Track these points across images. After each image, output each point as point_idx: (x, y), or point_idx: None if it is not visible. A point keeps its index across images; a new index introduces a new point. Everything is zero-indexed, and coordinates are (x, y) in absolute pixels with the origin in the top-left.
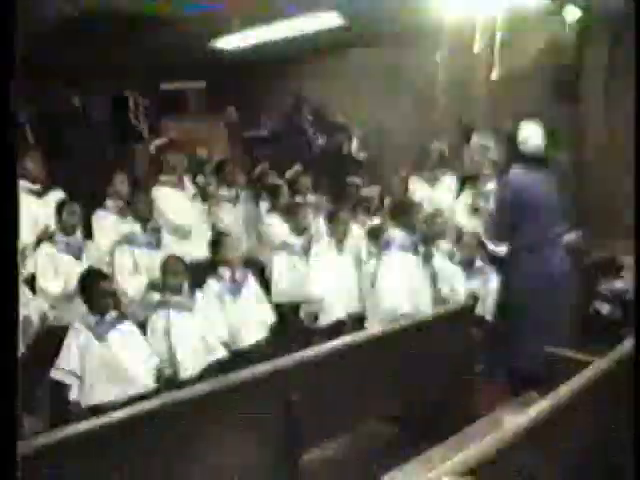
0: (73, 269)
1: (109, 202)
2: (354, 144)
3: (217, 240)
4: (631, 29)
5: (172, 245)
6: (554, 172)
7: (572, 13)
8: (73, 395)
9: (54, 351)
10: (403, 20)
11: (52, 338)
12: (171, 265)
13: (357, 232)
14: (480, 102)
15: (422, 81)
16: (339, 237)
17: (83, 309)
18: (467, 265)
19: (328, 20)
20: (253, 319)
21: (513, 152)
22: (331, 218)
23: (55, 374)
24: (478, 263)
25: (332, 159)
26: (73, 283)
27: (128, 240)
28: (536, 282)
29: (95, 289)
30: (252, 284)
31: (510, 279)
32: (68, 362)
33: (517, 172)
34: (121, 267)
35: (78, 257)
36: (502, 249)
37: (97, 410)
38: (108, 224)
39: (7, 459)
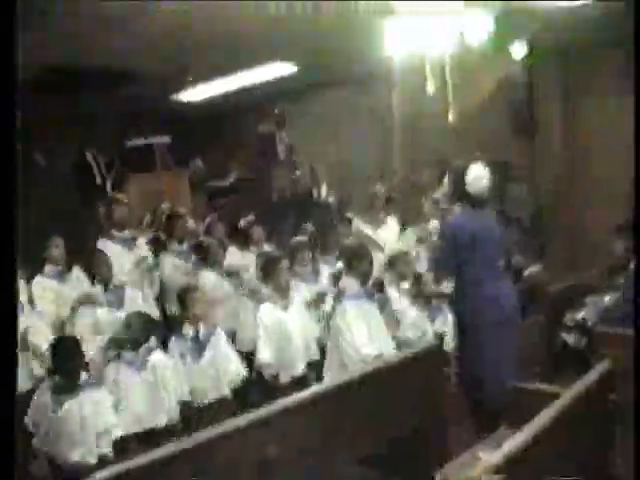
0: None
1: (47, 267)
2: (323, 188)
3: (184, 295)
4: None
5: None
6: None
7: (519, 51)
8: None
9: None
10: (355, 64)
11: None
12: (129, 320)
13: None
14: (439, 142)
15: (381, 122)
16: (281, 290)
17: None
18: (425, 304)
19: (280, 69)
20: (214, 379)
21: (459, 192)
22: (267, 271)
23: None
24: (434, 302)
25: (299, 204)
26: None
27: (89, 300)
28: (485, 316)
29: (66, 355)
30: (219, 339)
31: (460, 315)
32: (32, 413)
33: (460, 211)
34: (82, 329)
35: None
36: (448, 286)
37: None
38: (47, 289)
39: None
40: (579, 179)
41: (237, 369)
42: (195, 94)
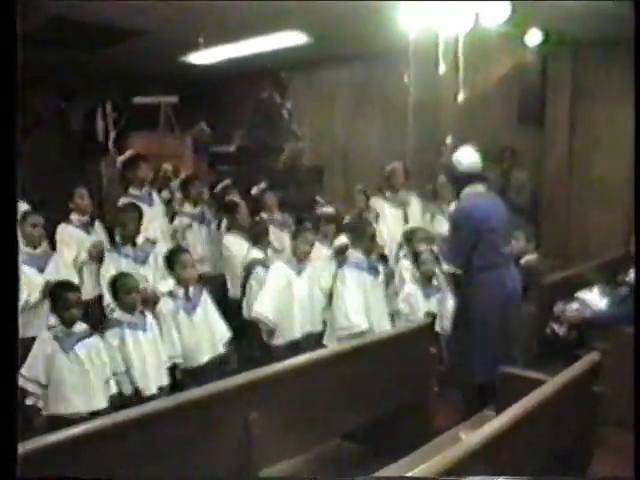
0: (35, 281)
1: (73, 216)
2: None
3: (172, 257)
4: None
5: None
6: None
7: (534, 38)
8: (29, 402)
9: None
10: (368, 40)
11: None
12: (124, 283)
13: (318, 251)
14: (447, 122)
15: (390, 100)
16: (300, 257)
17: (52, 320)
18: (426, 282)
19: (293, 38)
20: (208, 337)
21: (455, 177)
22: (295, 236)
23: (19, 380)
24: (435, 280)
25: (292, 171)
26: (36, 295)
27: (117, 249)
28: (490, 300)
29: (61, 300)
30: (206, 300)
31: (467, 296)
32: (31, 370)
33: (468, 196)
34: (105, 273)
35: (42, 269)
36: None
37: (58, 420)
38: (72, 238)
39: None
40: (581, 172)
41: (225, 330)
42: (204, 57)
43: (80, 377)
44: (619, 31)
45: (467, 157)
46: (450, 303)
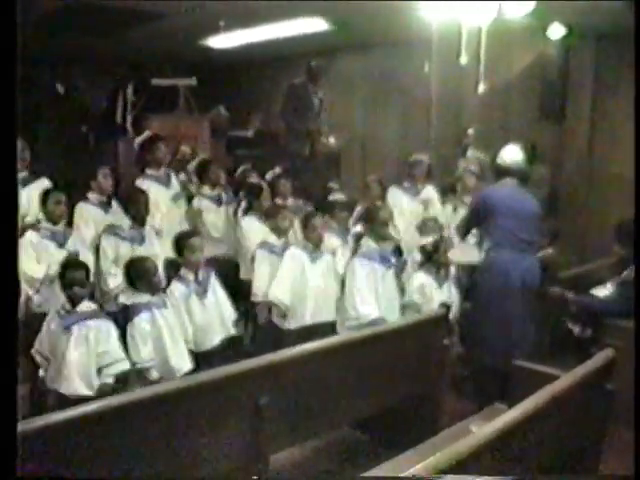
0: (56, 256)
1: (91, 195)
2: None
3: (181, 241)
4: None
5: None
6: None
7: (557, 32)
8: (42, 373)
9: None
10: (390, 28)
11: (34, 324)
12: (149, 266)
13: (330, 241)
14: (468, 114)
15: (410, 90)
16: (313, 243)
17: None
18: (437, 272)
19: (314, 24)
20: (219, 318)
21: (494, 170)
22: (305, 223)
23: (33, 351)
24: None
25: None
26: (55, 269)
27: (113, 231)
28: (492, 283)
29: (66, 278)
30: (215, 283)
31: (472, 278)
32: (40, 343)
33: (495, 185)
34: (105, 256)
35: (62, 245)
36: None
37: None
38: (91, 217)
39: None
40: (601, 168)
41: (232, 310)
42: (223, 41)
43: (78, 358)
44: None
45: (510, 155)
46: (454, 292)
